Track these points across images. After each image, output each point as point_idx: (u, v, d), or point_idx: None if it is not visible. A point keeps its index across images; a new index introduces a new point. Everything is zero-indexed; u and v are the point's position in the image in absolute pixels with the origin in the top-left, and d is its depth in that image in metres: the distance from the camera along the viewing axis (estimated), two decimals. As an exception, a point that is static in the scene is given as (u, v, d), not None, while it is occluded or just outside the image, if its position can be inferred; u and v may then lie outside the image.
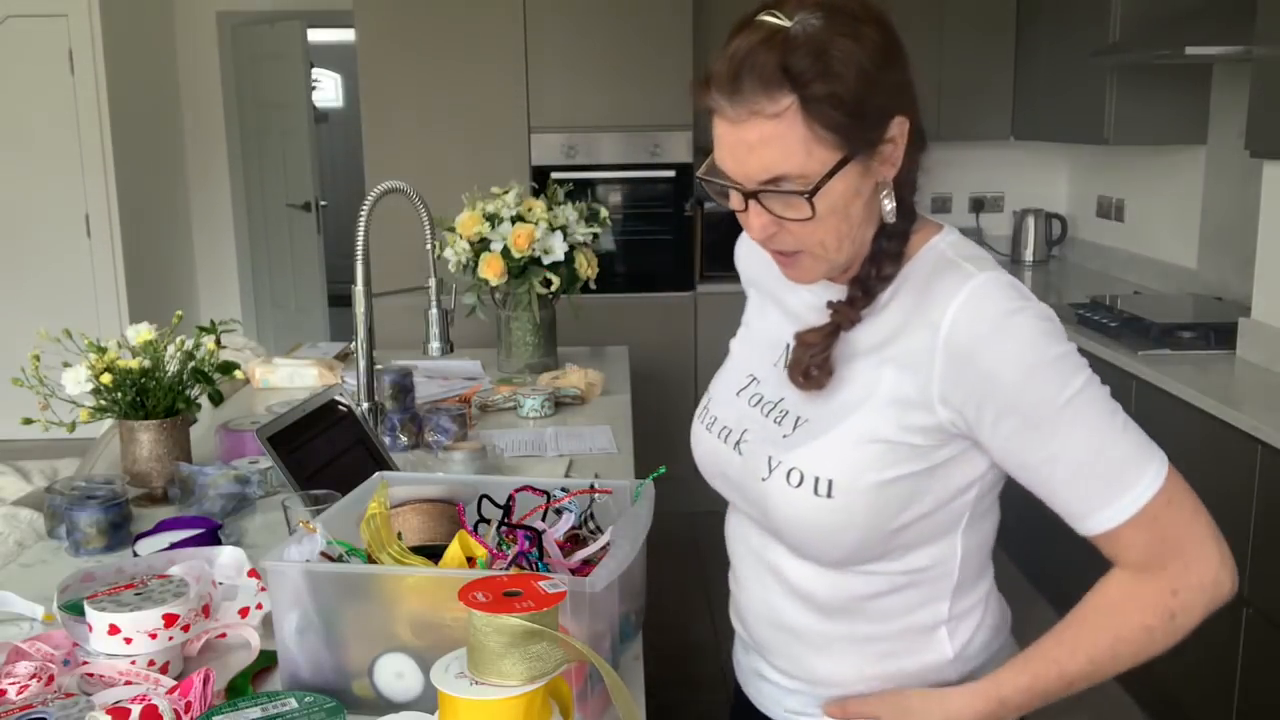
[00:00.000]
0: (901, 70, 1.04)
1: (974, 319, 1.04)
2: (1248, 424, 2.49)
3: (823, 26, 0.99)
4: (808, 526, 1.11)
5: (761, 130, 1.00)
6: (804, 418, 1.13)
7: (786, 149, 1.00)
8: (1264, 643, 2.46)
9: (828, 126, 0.99)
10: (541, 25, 4.36)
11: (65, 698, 1.16)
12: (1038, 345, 1.03)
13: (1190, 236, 3.91)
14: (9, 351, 3.76)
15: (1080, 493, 1.04)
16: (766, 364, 1.22)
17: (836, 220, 1.05)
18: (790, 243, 1.07)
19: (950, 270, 1.08)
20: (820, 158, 1.00)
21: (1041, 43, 4.39)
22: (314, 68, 6.89)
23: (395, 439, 2.21)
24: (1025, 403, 1.02)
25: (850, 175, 1.02)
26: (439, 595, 1.16)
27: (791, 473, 1.10)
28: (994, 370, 1.03)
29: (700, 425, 1.26)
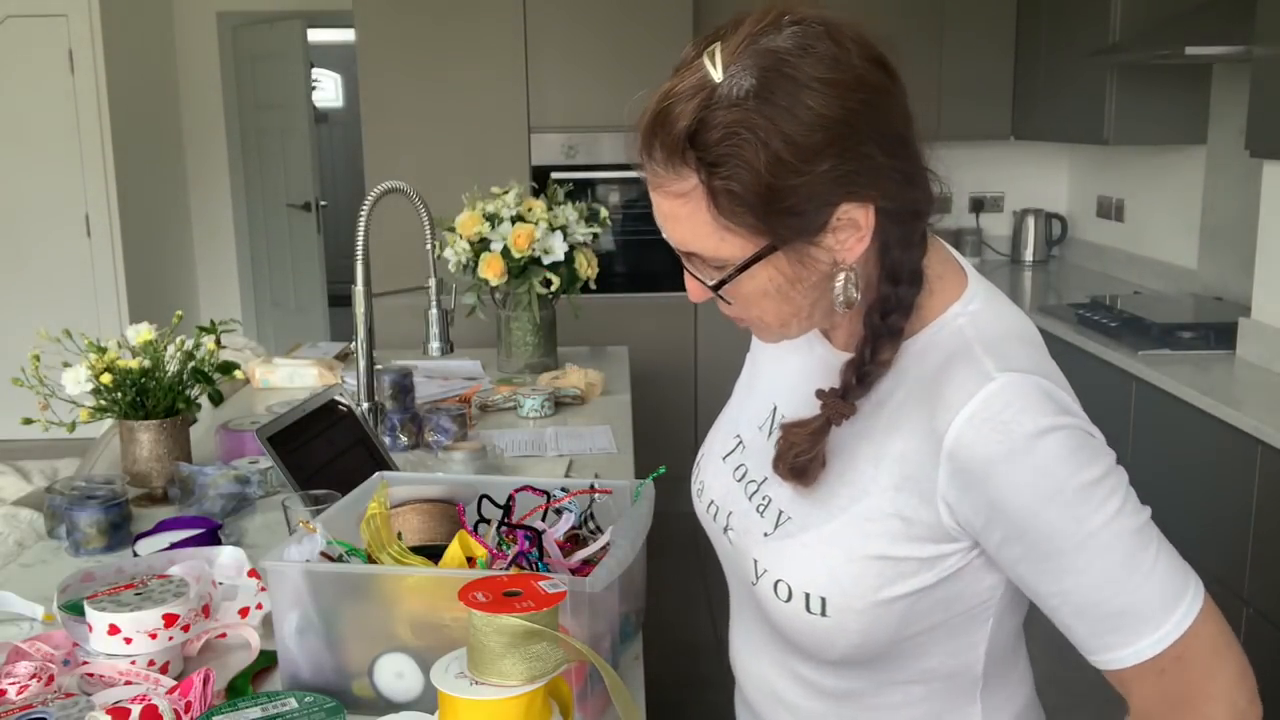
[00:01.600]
0: (860, 149, 0.85)
1: (984, 438, 0.88)
2: (1248, 424, 2.49)
3: (750, 91, 0.82)
4: (802, 635, 0.99)
5: (671, 205, 0.88)
6: (786, 514, 0.99)
7: (696, 230, 0.88)
8: (1264, 643, 2.46)
9: (735, 220, 0.86)
10: (541, 25, 4.36)
11: (65, 698, 1.15)
12: (1058, 473, 0.87)
13: (1190, 236, 3.91)
14: (9, 351, 3.76)
15: (1089, 630, 0.91)
16: (753, 427, 1.10)
17: (772, 304, 0.92)
18: (730, 311, 0.96)
19: (965, 363, 0.91)
20: (735, 245, 0.88)
21: (1041, 43, 4.39)
22: (314, 68, 6.88)
23: (395, 439, 2.21)
24: (1036, 534, 0.88)
25: (779, 264, 0.89)
26: (439, 595, 1.16)
27: (779, 585, 0.97)
28: (1003, 498, 0.88)
29: (693, 488, 1.15)
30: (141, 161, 5.89)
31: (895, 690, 1.03)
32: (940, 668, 1.01)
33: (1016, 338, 0.94)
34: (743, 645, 1.15)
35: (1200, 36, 3.16)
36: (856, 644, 0.97)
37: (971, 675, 1.03)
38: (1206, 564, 2.68)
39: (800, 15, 0.86)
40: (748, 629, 1.13)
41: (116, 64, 5.62)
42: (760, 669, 1.12)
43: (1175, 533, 1.04)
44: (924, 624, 0.97)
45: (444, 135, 4.40)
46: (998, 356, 0.91)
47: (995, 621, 1.01)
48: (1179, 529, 3.12)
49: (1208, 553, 2.69)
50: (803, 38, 0.84)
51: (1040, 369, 0.91)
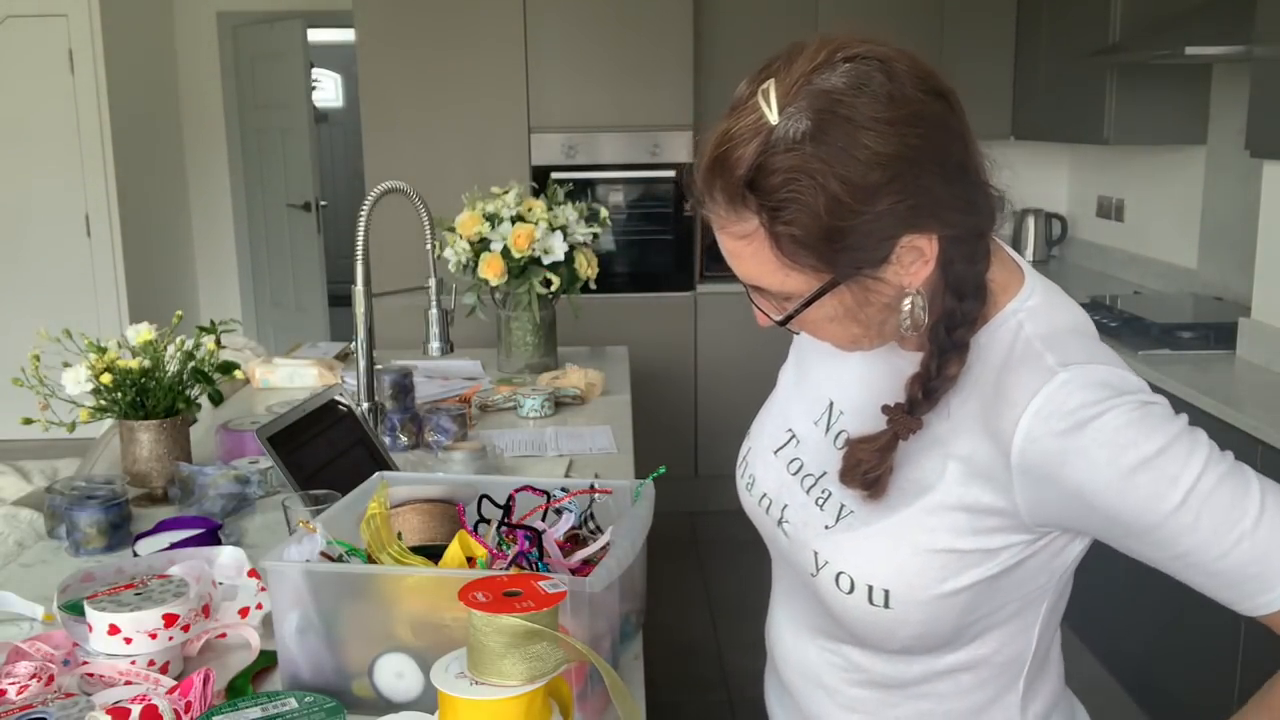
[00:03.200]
0: (920, 182, 0.85)
1: (1052, 430, 0.88)
2: (1248, 424, 2.49)
3: (806, 133, 0.83)
4: (862, 625, 0.99)
5: (735, 245, 0.90)
6: (848, 508, 1.00)
7: (761, 267, 0.90)
8: (1264, 643, 2.45)
9: (797, 260, 0.87)
10: (542, 25, 4.36)
11: (65, 698, 1.15)
12: (1128, 448, 0.87)
13: (1190, 236, 3.91)
14: (9, 351, 3.76)
15: (1226, 583, 0.90)
16: (808, 421, 1.09)
17: (840, 327, 0.94)
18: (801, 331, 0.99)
19: (1028, 362, 0.91)
20: (799, 280, 0.89)
21: (1041, 43, 4.40)
22: (314, 68, 6.88)
23: (395, 439, 2.21)
24: (1131, 511, 0.88)
25: (844, 296, 0.90)
26: (439, 595, 1.16)
27: (841, 577, 0.98)
28: (1084, 486, 0.88)
29: (741, 482, 1.14)
30: (141, 161, 5.89)
31: (946, 679, 1.03)
32: (995, 655, 1.02)
33: (1072, 331, 0.95)
34: (786, 628, 1.15)
35: (1200, 36, 3.16)
36: (918, 634, 0.98)
37: (1021, 662, 1.03)
38: (1206, 564, 2.69)
39: (853, 52, 0.87)
40: (795, 614, 1.13)
41: (116, 64, 5.62)
42: (804, 653, 1.12)
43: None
44: (985, 611, 0.98)
45: (444, 135, 4.40)
46: (1058, 351, 0.91)
47: (1049, 607, 1.02)
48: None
49: (1208, 553, 2.69)
50: (856, 75, 0.85)
51: (1098, 358, 0.91)
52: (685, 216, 4.54)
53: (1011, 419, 0.90)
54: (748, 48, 4.43)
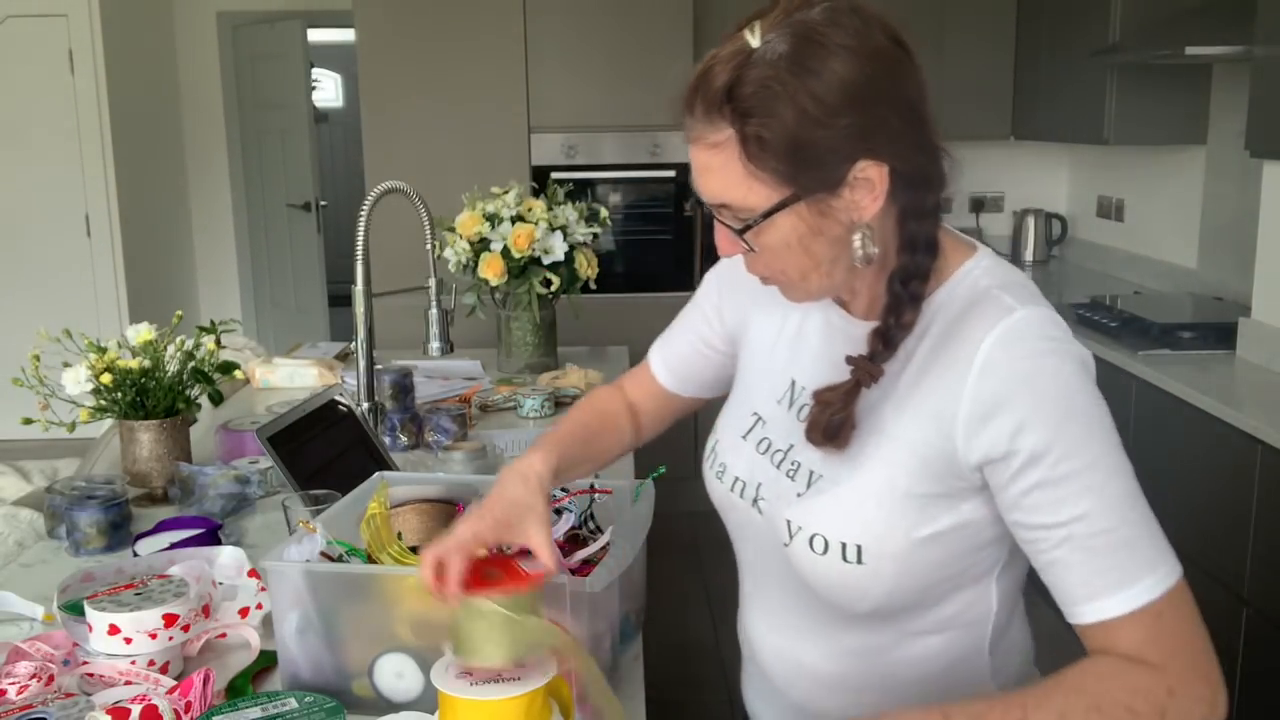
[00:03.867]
0: (876, 110, 0.93)
1: (1010, 355, 0.95)
2: (1248, 424, 2.49)
3: (783, 54, 0.92)
4: (835, 588, 1.04)
5: (706, 157, 0.97)
6: (818, 473, 1.05)
7: (727, 180, 0.96)
8: (1264, 643, 2.46)
9: (762, 166, 0.94)
10: (541, 25, 4.36)
11: (65, 698, 1.16)
12: (1078, 392, 0.95)
13: (1190, 236, 3.91)
14: (9, 351, 3.75)
15: (1087, 572, 0.94)
16: (771, 402, 1.14)
17: (794, 256, 0.99)
18: (755, 267, 1.03)
19: (986, 303, 0.98)
20: (761, 194, 0.95)
21: (1041, 43, 4.39)
22: (314, 68, 6.88)
23: (395, 439, 2.21)
24: (1058, 451, 0.93)
25: (801, 215, 0.96)
26: (439, 595, 1.16)
27: (815, 539, 1.03)
28: (1029, 415, 0.94)
29: (711, 473, 1.19)
30: (141, 161, 5.89)
31: (916, 642, 1.09)
32: (959, 617, 1.08)
33: (1024, 285, 1.02)
34: (762, 620, 1.19)
35: (1200, 36, 3.16)
36: (889, 590, 1.02)
37: (984, 623, 1.09)
38: (1207, 564, 2.69)
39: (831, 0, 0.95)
40: (770, 603, 1.17)
41: (116, 64, 5.62)
42: (781, 641, 1.16)
43: (1176, 533, 1.05)
44: (948, 570, 1.03)
45: (444, 135, 4.40)
46: (1014, 295, 0.99)
47: (1004, 567, 1.07)
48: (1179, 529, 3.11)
49: (1208, 553, 2.69)
50: (832, 14, 0.94)
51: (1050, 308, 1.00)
52: (685, 216, 4.54)
53: (972, 348, 0.96)
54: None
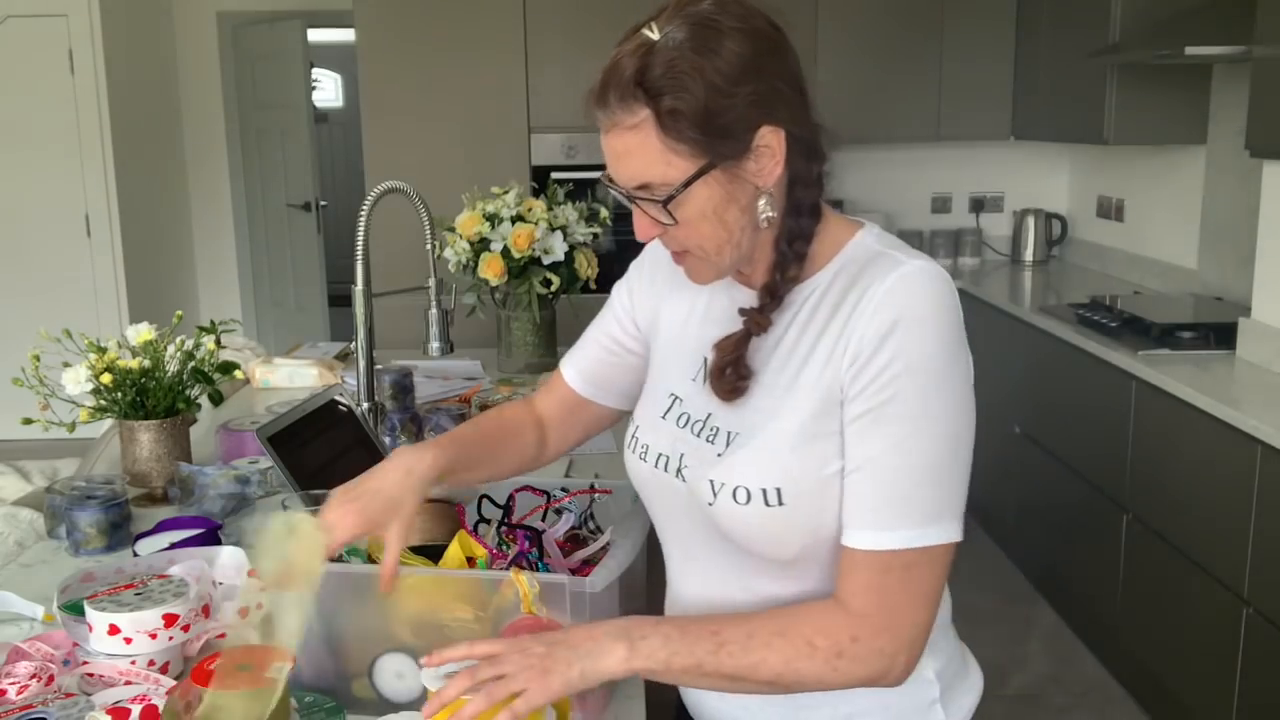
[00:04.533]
0: (770, 81, 1.04)
1: (893, 303, 1.03)
2: (1248, 424, 2.49)
3: (683, 40, 1.01)
4: (759, 537, 1.09)
5: (625, 141, 1.04)
6: (735, 431, 1.12)
7: (646, 159, 1.04)
8: (1264, 643, 2.46)
9: (679, 139, 1.02)
10: (541, 26, 4.36)
11: (65, 698, 1.16)
12: (938, 355, 1.03)
13: (1190, 236, 3.91)
14: (9, 351, 3.76)
15: (865, 502, 1.03)
16: (685, 380, 1.20)
17: (710, 226, 1.07)
18: (674, 244, 1.11)
19: (880, 260, 1.08)
20: (679, 167, 1.03)
21: (1041, 43, 4.39)
22: (314, 68, 6.88)
23: (395, 439, 2.21)
24: (888, 395, 1.02)
25: (714, 184, 1.04)
26: (439, 595, 1.16)
27: (737, 491, 1.08)
28: (888, 356, 1.02)
29: (634, 456, 1.23)
30: (141, 161, 5.89)
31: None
32: None
33: (915, 250, 1.11)
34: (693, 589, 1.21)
35: (1200, 36, 3.17)
36: (810, 530, 1.07)
37: None
38: (1206, 564, 2.69)
39: None
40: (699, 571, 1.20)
41: (116, 64, 5.62)
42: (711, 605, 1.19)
43: (1176, 532, 1.05)
44: None
45: (444, 135, 4.40)
46: (907, 254, 1.08)
47: None
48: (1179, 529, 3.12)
49: (1208, 553, 2.69)
50: (719, 4, 1.05)
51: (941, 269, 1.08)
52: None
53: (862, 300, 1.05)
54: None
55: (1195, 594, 2.74)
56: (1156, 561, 2.93)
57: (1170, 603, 2.87)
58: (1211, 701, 2.69)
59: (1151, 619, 2.99)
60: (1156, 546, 2.92)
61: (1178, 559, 2.81)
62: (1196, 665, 2.76)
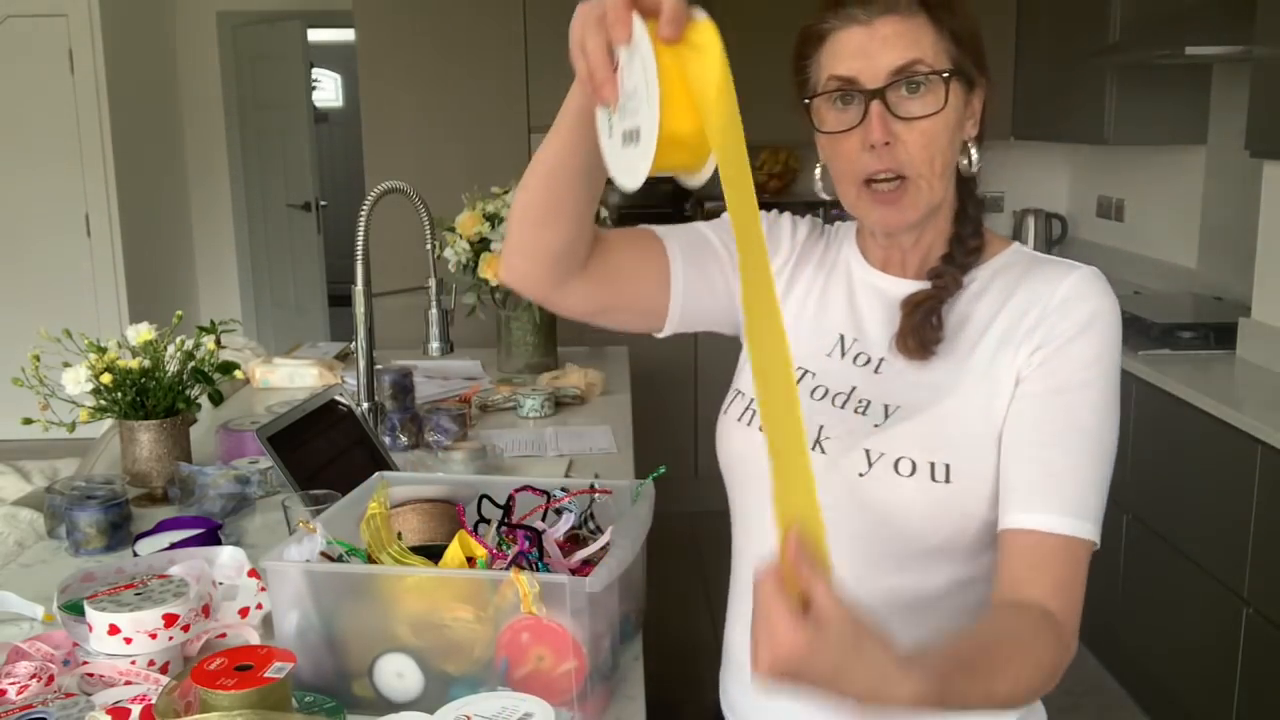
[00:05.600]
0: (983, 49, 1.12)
1: (1082, 296, 1.06)
2: (1248, 424, 2.49)
3: None
4: (912, 513, 1.06)
5: (896, 25, 1.06)
6: (895, 404, 1.10)
7: (919, 41, 1.06)
8: (1264, 643, 2.46)
9: (949, 40, 1.07)
10: (542, 25, 4.35)
11: (65, 698, 1.16)
12: (1118, 358, 1.07)
13: (1190, 236, 3.91)
14: (9, 351, 3.75)
15: (1066, 486, 1.00)
16: (819, 356, 1.17)
17: (942, 139, 1.08)
18: (897, 160, 1.07)
19: (1051, 264, 1.11)
20: (944, 61, 1.07)
21: (1041, 43, 4.39)
22: (314, 68, 6.88)
23: (395, 439, 2.21)
24: (1083, 380, 1.04)
25: (959, 98, 1.09)
26: (439, 595, 1.16)
27: (900, 462, 1.06)
28: (1086, 349, 1.04)
29: (738, 424, 1.17)
30: (141, 161, 5.89)
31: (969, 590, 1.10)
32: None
33: None
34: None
35: (1200, 36, 3.16)
36: (967, 514, 1.05)
37: None
38: (1206, 564, 2.69)
39: None
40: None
41: (116, 64, 5.62)
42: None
43: (1176, 532, 1.05)
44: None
45: (444, 135, 4.40)
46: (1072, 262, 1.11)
47: None
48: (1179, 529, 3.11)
49: (1208, 553, 2.69)
50: None
51: None
52: (685, 217, 4.54)
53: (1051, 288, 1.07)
54: (747, 47, 4.42)
55: (1195, 594, 2.74)
56: (1156, 561, 2.93)
57: (1170, 603, 2.87)
58: (1211, 701, 2.69)
59: (1151, 619, 2.99)
60: (1156, 546, 2.92)
61: (1178, 559, 2.81)
62: (1196, 665, 2.76)
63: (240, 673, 1.03)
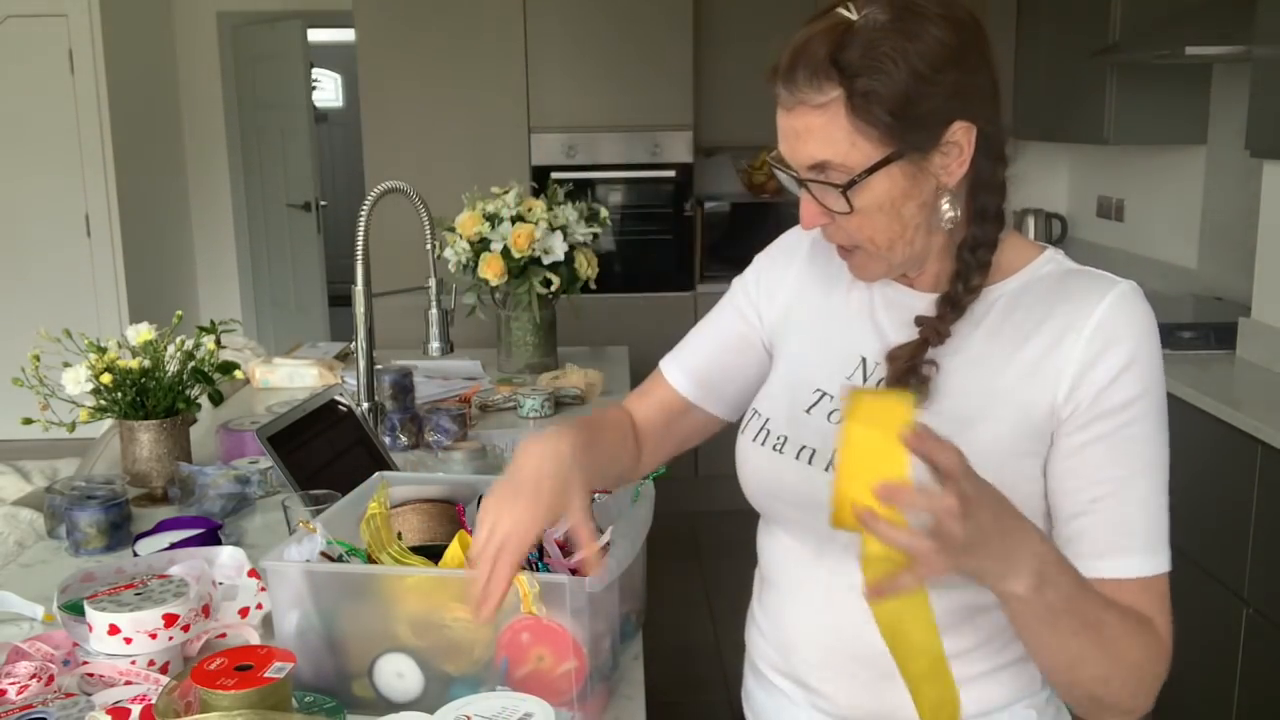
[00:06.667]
0: (970, 75, 1.01)
1: (1124, 319, 1.02)
2: (1248, 424, 2.49)
3: (886, 22, 0.97)
4: None
5: (808, 119, 1.00)
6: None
7: (830, 139, 0.99)
8: (1264, 643, 2.46)
9: (870, 123, 0.98)
10: (541, 25, 4.36)
11: (65, 698, 1.16)
12: (1162, 380, 1.04)
13: (1190, 236, 3.91)
14: (9, 351, 3.75)
15: (1117, 530, 1.01)
16: (838, 378, 1.14)
17: (885, 219, 1.02)
18: (840, 236, 1.06)
19: (1087, 277, 1.06)
20: (864, 151, 0.99)
21: (1041, 43, 4.39)
22: (314, 68, 6.88)
23: (395, 439, 2.21)
24: (1130, 418, 1.01)
25: (897, 175, 1.00)
26: (439, 595, 1.16)
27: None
28: (1129, 390, 1.01)
29: (760, 447, 1.16)
30: (141, 161, 5.89)
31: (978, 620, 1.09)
32: None
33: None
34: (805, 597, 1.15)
35: (1200, 36, 3.16)
36: None
37: None
38: (1207, 564, 2.68)
39: None
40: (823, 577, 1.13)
41: (116, 64, 5.62)
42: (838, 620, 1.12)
43: (1175, 532, 1.05)
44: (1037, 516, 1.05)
45: (444, 135, 4.40)
46: (1110, 274, 1.07)
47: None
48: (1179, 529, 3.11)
49: (1208, 553, 2.69)
50: None
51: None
52: (685, 216, 4.54)
53: (1085, 312, 1.03)
54: (747, 47, 4.43)
55: (1195, 594, 2.74)
56: (1156, 561, 2.93)
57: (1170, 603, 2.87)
58: (1211, 701, 2.69)
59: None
60: (1156, 546, 2.91)
61: (1178, 559, 2.80)
62: (1196, 665, 2.76)
63: (240, 673, 1.03)
